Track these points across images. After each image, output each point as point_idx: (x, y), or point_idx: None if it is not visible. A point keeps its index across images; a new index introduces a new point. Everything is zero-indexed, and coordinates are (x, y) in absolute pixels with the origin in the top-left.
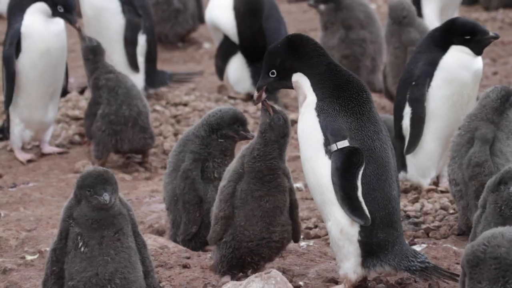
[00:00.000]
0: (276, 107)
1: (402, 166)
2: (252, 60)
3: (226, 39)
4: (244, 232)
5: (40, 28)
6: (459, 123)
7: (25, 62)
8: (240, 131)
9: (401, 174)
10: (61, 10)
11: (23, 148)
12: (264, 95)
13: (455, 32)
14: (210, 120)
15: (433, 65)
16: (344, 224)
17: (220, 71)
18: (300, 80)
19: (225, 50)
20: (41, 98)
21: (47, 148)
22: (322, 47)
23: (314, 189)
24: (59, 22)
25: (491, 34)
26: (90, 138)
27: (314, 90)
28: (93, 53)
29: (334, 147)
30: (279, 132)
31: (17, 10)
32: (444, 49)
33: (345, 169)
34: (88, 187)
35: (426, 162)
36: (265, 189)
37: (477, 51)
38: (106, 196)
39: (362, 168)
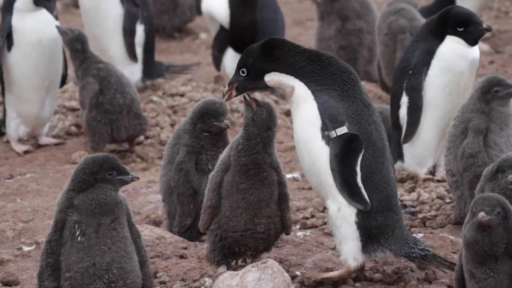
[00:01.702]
0: (260, 100)
1: (399, 155)
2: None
3: (222, 29)
4: (228, 223)
5: (30, 20)
6: (456, 112)
7: (17, 55)
8: (213, 123)
9: (398, 164)
10: None
11: (19, 140)
12: (234, 93)
13: (449, 23)
14: (190, 115)
15: (430, 54)
16: (341, 203)
17: (217, 61)
18: (278, 78)
19: (222, 40)
20: (37, 91)
21: (44, 139)
22: (299, 45)
23: (309, 171)
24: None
25: (484, 26)
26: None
27: (305, 83)
28: (80, 42)
29: (333, 133)
30: (262, 126)
31: (8, 3)
32: (440, 38)
33: (344, 156)
34: (110, 170)
35: (423, 152)
36: (249, 182)
37: (471, 42)
38: (132, 174)
39: (361, 154)
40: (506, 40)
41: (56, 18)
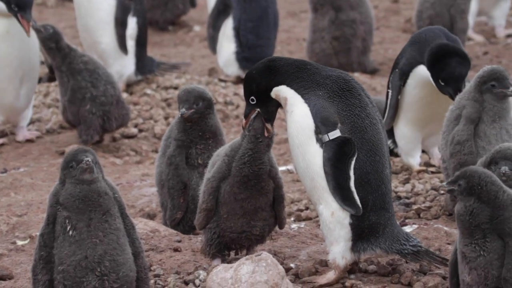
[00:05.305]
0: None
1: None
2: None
3: (218, 2)
4: (226, 223)
5: None
6: (435, 115)
7: None
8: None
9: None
10: (16, 9)
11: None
12: (269, 126)
13: (438, 71)
14: None
15: (415, 63)
16: (335, 208)
17: (213, 41)
18: (277, 92)
19: (216, 15)
20: (10, 82)
21: (21, 136)
22: (289, 58)
23: (304, 174)
24: None
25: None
26: (77, 124)
27: (295, 90)
28: (54, 41)
29: (326, 137)
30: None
31: None
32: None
33: (337, 160)
34: (70, 162)
35: (407, 144)
36: (248, 192)
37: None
38: (86, 158)
39: (354, 158)
40: None
41: (29, 26)
